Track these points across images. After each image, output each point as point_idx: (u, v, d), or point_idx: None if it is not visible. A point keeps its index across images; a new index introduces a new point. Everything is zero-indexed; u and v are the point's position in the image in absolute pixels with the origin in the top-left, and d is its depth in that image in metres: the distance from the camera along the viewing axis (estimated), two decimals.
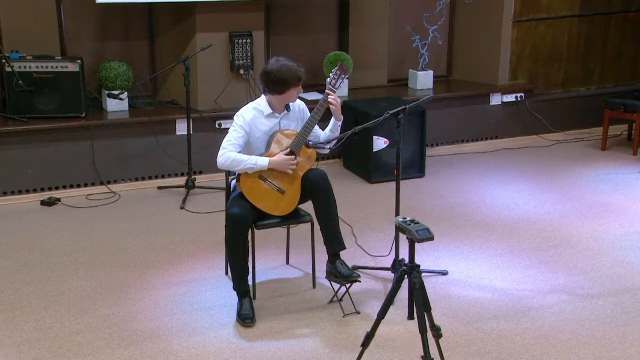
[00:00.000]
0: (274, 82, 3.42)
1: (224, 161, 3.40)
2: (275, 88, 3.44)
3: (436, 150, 5.85)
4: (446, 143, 5.93)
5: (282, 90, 3.43)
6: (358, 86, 5.88)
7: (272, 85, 3.44)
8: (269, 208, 3.49)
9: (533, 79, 6.20)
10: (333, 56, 5.58)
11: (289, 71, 3.40)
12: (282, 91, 3.44)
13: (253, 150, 3.52)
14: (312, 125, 3.49)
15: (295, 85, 3.43)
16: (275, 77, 3.41)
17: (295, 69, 3.42)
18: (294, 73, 3.41)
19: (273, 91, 3.45)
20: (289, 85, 3.41)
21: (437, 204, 4.79)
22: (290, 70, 3.40)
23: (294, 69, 3.41)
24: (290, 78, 3.40)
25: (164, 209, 4.71)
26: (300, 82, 3.43)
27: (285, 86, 3.42)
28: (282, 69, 3.40)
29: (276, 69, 3.41)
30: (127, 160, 5.02)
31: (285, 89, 3.43)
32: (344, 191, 4.90)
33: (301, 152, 3.52)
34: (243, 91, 5.25)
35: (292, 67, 3.41)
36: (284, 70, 3.40)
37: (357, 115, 5.21)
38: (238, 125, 3.47)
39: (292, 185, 3.51)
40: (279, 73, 3.40)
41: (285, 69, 3.40)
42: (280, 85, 3.42)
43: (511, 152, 5.85)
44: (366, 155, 5.17)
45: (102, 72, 5.05)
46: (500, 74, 6.08)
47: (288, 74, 3.40)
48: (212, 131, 5.14)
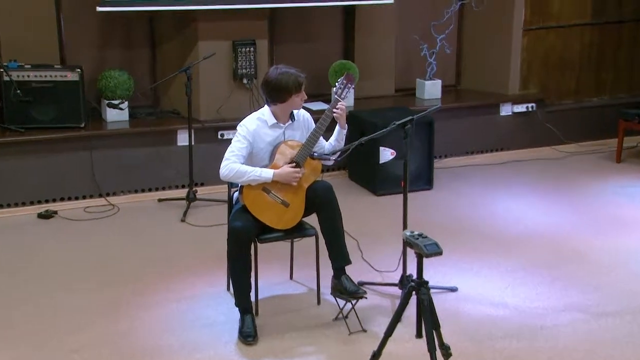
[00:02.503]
0: (274, 91, 3.42)
1: (227, 172, 3.39)
2: (277, 97, 3.44)
3: (445, 162, 5.83)
4: (455, 155, 5.91)
5: (284, 98, 3.43)
6: (364, 96, 5.87)
7: (273, 94, 3.44)
8: (272, 221, 3.47)
9: (544, 89, 6.19)
10: (339, 65, 5.57)
11: (288, 78, 3.39)
12: (284, 99, 3.43)
13: (256, 162, 3.51)
14: (317, 136, 3.48)
15: (297, 91, 3.42)
16: (275, 86, 3.40)
17: (295, 75, 3.41)
18: (294, 79, 3.40)
19: (275, 100, 3.45)
20: (289, 92, 3.41)
21: (446, 218, 4.76)
22: (289, 77, 3.40)
23: (293, 75, 3.41)
24: (290, 85, 3.39)
25: (165, 222, 4.70)
26: (301, 88, 3.43)
27: (286, 94, 3.41)
28: (281, 77, 3.39)
29: (275, 77, 3.40)
30: (126, 171, 5.01)
31: (287, 97, 3.42)
32: (350, 204, 4.88)
33: (306, 164, 3.50)
34: (246, 101, 5.25)
35: (291, 74, 3.41)
36: (283, 77, 3.39)
37: (363, 125, 5.20)
38: (241, 135, 3.46)
39: (297, 197, 3.49)
40: (278, 81, 3.39)
41: (284, 76, 3.40)
42: (281, 94, 3.42)
43: (522, 164, 5.82)
44: (372, 167, 5.16)
45: (102, 82, 5.06)
46: (510, 84, 6.06)
47: (288, 81, 3.39)
48: (215, 142, 5.13)
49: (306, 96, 3.50)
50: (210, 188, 5.13)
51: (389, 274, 3.92)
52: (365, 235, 4.41)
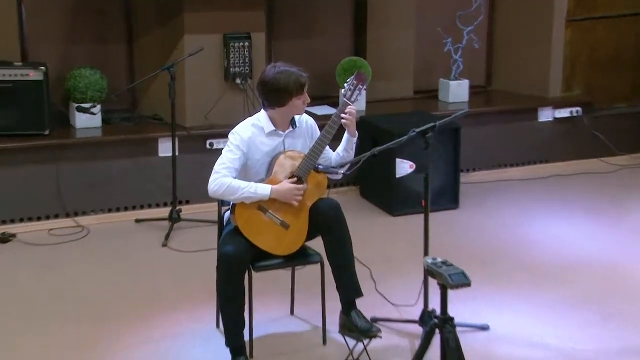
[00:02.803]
0: (271, 93, 3.45)
1: (216, 188, 3.40)
2: (275, 100, 3.46)
3: (473, 177, 5.84)
4: (485, 168, 5.93)
5: (283, 101, 3.45)
6: (378, 98, 5.90)
7: (270, 96, 3.46)
8: (269, 246, 3.49)
9: (591, 91, 6.20)
10: (348, 63, 5.61)
11: (288, 77, 3.42)
12: (283, 102, 3.46)
13: (251, 176, 3.52)
14: (322, 146, 3.50)
15: (298, 93, 3.44)
16: (273, 87, 3.43)
17: (296, 74, 3.43)
18: (295, 79, 3.42)
19: (273, 104, 3.47)
20: (289, 94, 3.43)
21: (475, 242, 4.76)
22: (289, 76, 3.42)
23: (294, 74, 3.43)
24: (290, 85, 3.41)
25: (143, 247, 4.71)
26: (303, 89, 3.45)
27: (286, 96, 3.44)
28: (280, 76, 3.42)
29: (272, 76, 3.43)
30: (98, 187, 5.04)
31: (287, 100, 3.45)
32: (361, 225, 4.88)
33: (309, 179, 3.52)
34: (240, 104, 5.28)
35: (292, 73, 3.43)
36: (282, 77, 3.42)
37: (377, 133, 5.22)
38: (234, 145, 3.48)
39: (299, 218, 3.51)
40: (277, 81, 3.42)
41: (284, 75, 3.42)
42: (279, 96, 3.44)
43: (565, 179, 5.83)
44: (387, 182, 5.18)
45: (71, 81, 5.10)
46: (551, 85, 6.09)
47: (287, 81, 3.42)
48: (202, 152, 5.16)
49: (309, 99, 3.52)
50: (197, 207, 5.16)
51: (407, 308, 3.92)
52: (379, 263, 4.41)
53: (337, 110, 3.55)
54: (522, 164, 6.01)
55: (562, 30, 6.03)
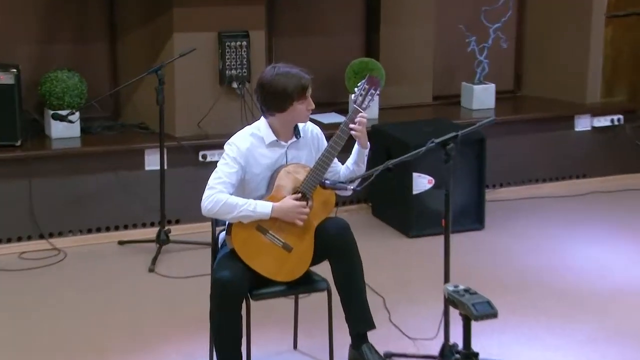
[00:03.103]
0: (271, 97, 3.48)
1: (211, 206, 3.44)
2: (275, 105, 3.49)
3: (500, 193, 5.86)
4: (513, 183, 5.94)
5: (284, 106, 3.48)
6: (392, 105, 5.94)
7: (269, 101, 3.49)
8: (270, 271, 3.51)
9: (635, 96, 6.21)
10: (358, 65, 5.65)
11: (288, 79, 3.45)
12: (284, 107, 3.49)
13: (250, 192, 3.56)
14: (330, 159, 3.53)
15: (300, 97, 3.48)
16: (272, 90, 3.46)
17: (298, 76, 3.47)
18: (296, 81, 3.46)
19: (273, 109, 3.51)
20: (290, 97, 3.46)
21: (502, 267, 4.78)
22: (290, 77, 3.46)
23: (295, 75, 3.47)
24: (290, 88, 3.45)
25: (128, 273, 4.73)
26: (306, 92, 3.48)
27: (287, 100, 3.47)
28: (279, 78, 3.45)
29: (271, 78, 3.46)
30: (77, 205, 5.07)
31: (287, 104, 3.48)
32: (374, 248, 4.90)
33: (315, 195, 3.55)
34: (237, 112, 5.31)
35: (293, 74, 3.47)
36: (282, 78, 3.45)
37: (391, 144, 5.26)
38: (230, 157, 3.51)
39: (303, 239, 3.54)
40: (276, 83, 3.45)
41: (284, 77, 3.46)
42: (279, 100, 3.47)
43: (605, 196, 5.84)
44: (403, 200, 5.20)
45: (46, 85, 5.14)
46: (589, 89, 6.09)
47: (288, 82, 3.45)
48: (195, 166, 5.20)
49: (313, 104, 3.56)
50: (188, 227, 5.19)
51: (425, 342, 3.93)
52: (394, 291, 4.43)
53: (346, 118, 3.58)
54: (556, 180, 6.03)
55: (602, 28, 6.02)
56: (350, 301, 3.56)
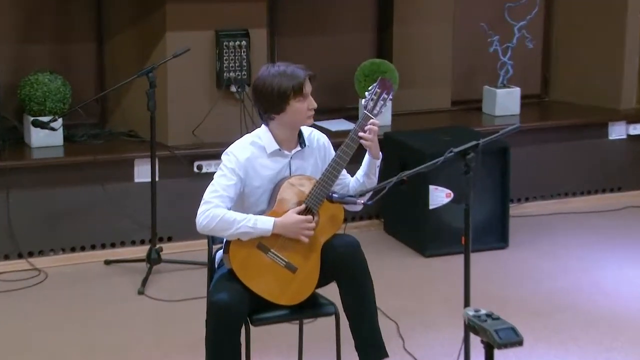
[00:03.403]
0: (265, 97, 3.49)
1: (207, 222, 3.45)
2: (270, 105, 3.51)
3: (525, 208, 5.87)
4: (540, 197, 5.94)
5: (281, 106, 3.49)
6: (407, 110, 5.95)
7: (265, 103, 3.51)
8: (272, 293, 3.52)
9: None
10: (369, 67, 5.67)
11: (283, 77, 3.47)
12: (281, 108, 3.50)
13: (250, 206, 3.57)
14: (338, 170, 3.54)
15: (298, 94, 3.49)
16: (267, 90, 3.48)
17: (293, 72, 3.49)
18: (292, 77, 3.47)
19: (269, 110, 3.52)
20: (286, 95, 3.47)
21: (528, 290, 4.77)
22: (283, 74, 3.47)
23: (291, 72, 3.49)
24: (284, 85, 3.46)
25: (116, 295, 4.74)
26: (303, 88, 3.49)
27: (282, 98, 3.48)
28: (273, 77, 3.47)
29: (264, 78, 3.48)
30: (59, 221, 5.09)
31: (284, 104, 3.49)
32: (386, 269, 4.91)
33: (322, 210, 3.56)
34: (235, 118, 5.33)
35: (287, 69, 3.49)
36: (277, 76, 3.47)
37: (405, 154, 5.27)
38: (228, 168, 3.52)
39: (308, 259, 3.54)
40: (270, 82, 3.47)
41: (279, 75, 3.47)
42: (274, 100, 3.48)
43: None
44: (419, 215, 5.21)
45: (26, 89, 5.15)
46: (624, 94, 6.09)
47: (282, 80, 3.46)
48: (189, 178, 5.22)
49: (315, 104, 3.57)
50: (181, 245, 5.21)
51: None
52: (408, 315, 4.43)
53: (355, 125, 3.58)
54: (588, 193, 6.02)
55: (638, 27, 6.04)
56: (360, 327, 3.56)
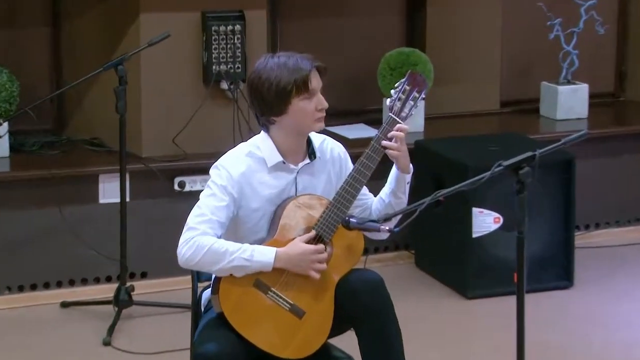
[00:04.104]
0: (262, 96, 3.49)
1: (191, 254, 3.44)
2: (269, 107, 3.50)
3: (594, 238, 5.85)
4: (614, 223, 5.92)
5: (280, 106, 3.49)
6: (443, 113, 5.97)
7: (261, 103, 3.51)
8: (274, 344, 3.51)
9: None
10: (396, 57, 5.67)
11: (283, 69, 3.47)
12: (281, 108, 3.49)
13: (245, 234, 3.56)
14: (357, 188, 3.53)
15: (301, 90, 3.48)
16: (264, 87, 3.47)
17: (296, 64, 3.49)
18: (294, 69, 3.48)
19: (268, 112, 3.51)
20: (286, 92, 3.47)
21: (597, 340, 4.76)
22: (284, 66, 3.48)
23: (291, 61, 3.49)
24: (285, 78, 3.47)
25: (74, 346, 4.73)
26: (307, 83, 3.48)
27: (283, 96, 3.47)
28: (272, 69, 3.48)
29: (261, 71, 3.49)
30: (4, 253, 5.09)
31: (285, 103, 3.48)
32: (418, 313, 4.90)
33: (336, 239, 3.55)
34: (227, 122, 5.34)
35: (289, 60, 3.50)
36: (275, 69, 3.48)
37: (442, 168, 5.27)
38: (218, 186, 3.52)
39: (319, 300, 3.54)
40: (267, 77, 3.47)
41: (278, 67, 3.48)
42: (274, 98, 3.48)
43: None
44: (459, 246, 5.22)
45: None
46: None
47: (282, 74, 3.47)
48: (169, 197, 5.24)
49: (325, 103, 3.56)
50: (158, 283, 5.22)
51: None
52: None
53: (379, 131, 3.57)
54: None
55: None
56: None
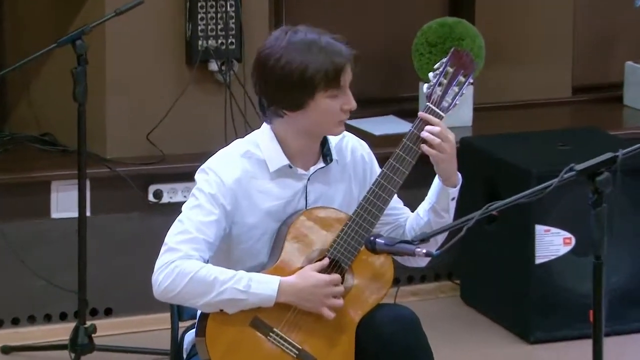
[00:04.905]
0: (278, 85, 3.52)
1: (170, 283, 3.45)
2: (285, 97, 3.53)
3: None
4: None
5: (301, 99, 3.52)
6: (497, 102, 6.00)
7: (275, 92, 3.55)
8: None
9: None
10: (437, 31, 5.68)
11: (311, 51, 3.51)
12: (301, 102, 3.52)
13: (240, 257, 3.59)
14: (384, 199, 3.54)
15: (330, 85, 3.51)
16: (281, 72, 3.50)
17: (329, 44, 3.52)
18: (325, 55, 3.51)
19: (281, 105, 3.53)
20: (313, 84, 3.51)
21: None
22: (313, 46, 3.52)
23: (323, 42, 3.53)
24: (314, 68, 3.49)
25: None
26: (339, 76, 3.52)
27: (308, 88, 3.51)
28: (294, 51, 3.50)
29: (279, 51, 3.51)
30: None
31: (308, 96, 3.52)
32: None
33: (357, 266, 3.57)
34: (217, 113, 5.36)
35: (321, 40, 3.53)
36: (300, 48, 3.52)
37: (495, 172, 5.30)
38: (207, 195, 3.53)
39: (335, 346, 3.55)
40: (288, 60, 3.49)
41: (304, 45, 3.52)
42: (294, 88, 3.52)
43: None
44: (518, 275, 5.23)
45: None
46: None
47: (309, 59, 3.50)
48: (141, 210, 5.27)
49: (354, 102, 3.58)
50: (127, 322, 5.24)
51: None
52: None
53: (413, 126, 3.59)
54: None
55: None
56: None
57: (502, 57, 5.89)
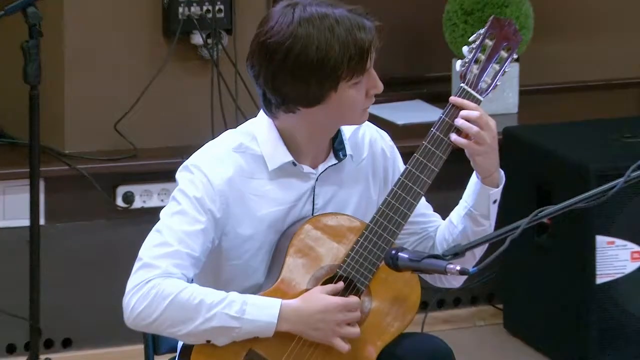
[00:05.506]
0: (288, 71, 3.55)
1: (145, 307, 3.47)
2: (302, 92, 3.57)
3: None
4: None
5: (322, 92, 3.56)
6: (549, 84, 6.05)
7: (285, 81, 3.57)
8: None
9: None
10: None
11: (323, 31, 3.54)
12: (321, 96, 3.56)
13: (232, 276, 3.62)
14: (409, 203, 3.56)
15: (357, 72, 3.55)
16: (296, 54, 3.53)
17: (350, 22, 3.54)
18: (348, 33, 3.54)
19: (294, 101, 3.58)
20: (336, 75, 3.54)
21: None
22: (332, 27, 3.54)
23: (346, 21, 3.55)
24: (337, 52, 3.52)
25: None
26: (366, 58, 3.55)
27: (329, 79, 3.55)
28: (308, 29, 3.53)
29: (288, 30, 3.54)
30: None
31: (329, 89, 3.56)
32: None
33: (376, 286, 3.61)
34: (202, 98, 5.41)
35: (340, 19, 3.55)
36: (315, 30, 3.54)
37: (546, 171, 5.35)
38: (191, 198, 3.56)
39: None
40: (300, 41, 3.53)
41: (316, 25, 3.54)
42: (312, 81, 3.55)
43: None
44: (575, 297, 5.27)
45: None
46: None
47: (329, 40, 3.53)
48: (107, 217, 5.32)
49: (381, 84, 3.61)
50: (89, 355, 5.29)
51: None
52: None
53: (443, 112, 3.62)
54: None
55: None
56: None
57: (555, 28, 5.91)
